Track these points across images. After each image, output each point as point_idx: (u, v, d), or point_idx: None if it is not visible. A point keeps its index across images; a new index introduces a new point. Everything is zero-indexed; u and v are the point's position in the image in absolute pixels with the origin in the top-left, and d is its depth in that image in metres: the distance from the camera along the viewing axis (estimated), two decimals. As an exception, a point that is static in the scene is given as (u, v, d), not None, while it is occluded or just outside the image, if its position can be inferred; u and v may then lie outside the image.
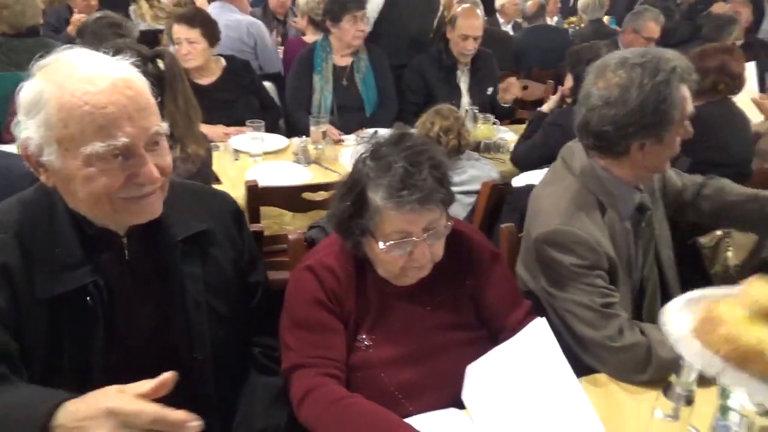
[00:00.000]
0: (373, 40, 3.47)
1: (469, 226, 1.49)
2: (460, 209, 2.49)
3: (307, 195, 2.07)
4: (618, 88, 1.41)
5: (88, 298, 1.06)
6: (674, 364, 1.08)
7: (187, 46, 2.90)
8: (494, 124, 3.18)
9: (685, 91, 1.43)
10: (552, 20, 6.52)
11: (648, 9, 4.15)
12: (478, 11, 3.42)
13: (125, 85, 1.00)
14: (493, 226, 2.31)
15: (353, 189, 1.24)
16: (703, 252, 2.48)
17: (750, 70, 3.36)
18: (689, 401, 1.07)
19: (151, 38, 3.90)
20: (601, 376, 1.38)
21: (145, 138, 1.02)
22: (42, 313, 1.05)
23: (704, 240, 2.48)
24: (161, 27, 4.09)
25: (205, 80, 2.99)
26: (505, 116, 3.57)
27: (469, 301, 1.39)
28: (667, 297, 1.66)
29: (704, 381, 1.04)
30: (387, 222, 1.20)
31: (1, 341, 1.01)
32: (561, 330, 1.46)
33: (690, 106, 1.45)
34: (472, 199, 2.41)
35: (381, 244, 1.22)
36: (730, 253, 2.47)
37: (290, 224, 2.35)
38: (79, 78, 0.98)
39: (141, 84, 1.04)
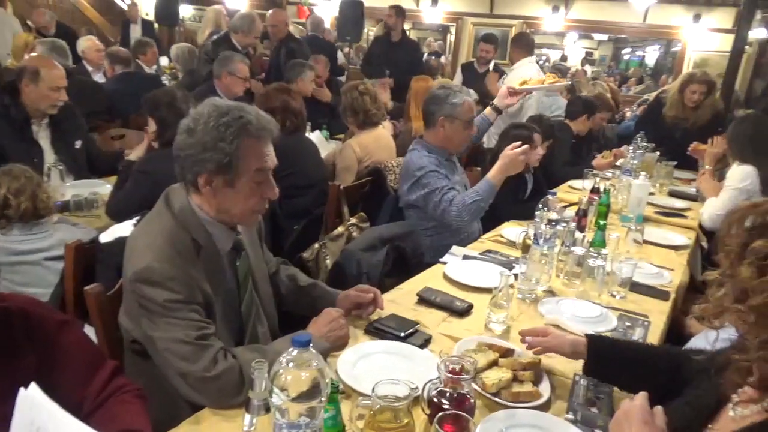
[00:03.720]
0: None
1: (27, 299, 1.30)
2: (51, 276, 2.24)
3: None
4: (191, 119, 1.52)
5: None
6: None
7: None
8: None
9: (258, 147, 1.52)
10: (151, 69, 6.45)
11: (235, 54, 4.46)
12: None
13: None
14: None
15: None
16: (308, 265, 2.80)
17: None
18: (267, 409, 1.16)
19: None
20: (204, 412, 1.38)
21: None
22: None
23: (306, 255, 2.81)
24: None
25: None
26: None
27: (37, 381, 1.22)
28: (268, 320, 1.79)
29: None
30: None
31: None
32: (167, 373, 1.44)
33: (260, 163, 1.52)
34: (62, 265, 2.17)
35: None
36: (328, 261, 2.85)
37: None
38: None
39: None
